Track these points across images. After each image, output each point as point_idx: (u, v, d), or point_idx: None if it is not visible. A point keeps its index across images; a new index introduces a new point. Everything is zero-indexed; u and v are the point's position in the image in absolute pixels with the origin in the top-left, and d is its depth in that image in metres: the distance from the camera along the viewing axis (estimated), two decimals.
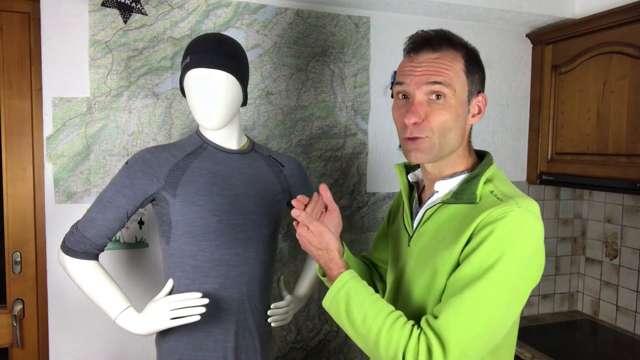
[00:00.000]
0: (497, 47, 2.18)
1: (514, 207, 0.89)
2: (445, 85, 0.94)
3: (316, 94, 1.91)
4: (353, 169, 1.98)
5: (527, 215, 0.89)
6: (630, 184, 1.75)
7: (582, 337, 2.13)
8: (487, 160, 1.02)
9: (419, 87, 0.96)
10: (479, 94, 1.01)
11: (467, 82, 0.97)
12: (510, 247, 0.86)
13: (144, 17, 1.68)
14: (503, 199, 0.92)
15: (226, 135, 1.34)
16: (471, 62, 0.98)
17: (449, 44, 0.97)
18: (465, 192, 0.97)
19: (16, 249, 1.71)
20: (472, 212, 0.93)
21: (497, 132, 2.22)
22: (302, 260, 1.89)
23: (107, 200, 1.27)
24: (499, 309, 0.87)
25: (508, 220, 0.87)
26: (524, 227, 0.88)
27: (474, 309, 0.85)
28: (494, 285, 0.86)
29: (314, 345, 1.96)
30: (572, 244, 2.37)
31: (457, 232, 0.93)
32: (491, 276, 0.85)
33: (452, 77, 0.95)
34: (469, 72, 0.98)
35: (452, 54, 0.97)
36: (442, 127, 0.95)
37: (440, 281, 0.94)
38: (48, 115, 1.61)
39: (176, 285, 1.30)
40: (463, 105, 0.97)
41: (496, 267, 0.86)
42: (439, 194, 1.02)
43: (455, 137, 0.98)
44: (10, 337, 1.72)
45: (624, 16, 1.76)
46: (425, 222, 1.03)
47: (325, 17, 1.90)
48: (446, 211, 0.99)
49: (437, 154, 0.98)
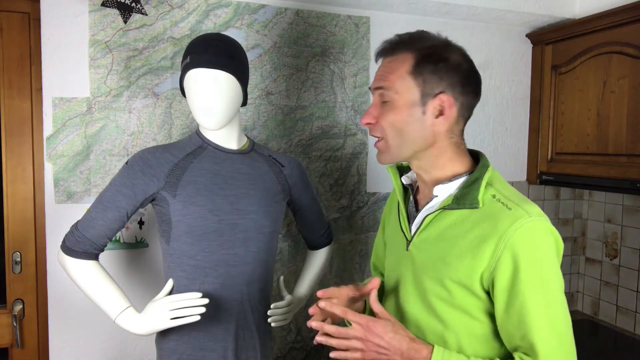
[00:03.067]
0: (497, 47, 2.18)
1: (525, 219, 0.91)
2: (386, 89, 0.99)
3: (316, 94, 1.91)
4: (353, 169, 1.98)
5: (539, 223, 0.92)
6: (630, 184, 1.75)
7: (582, 337, 2.12)
8: (484, 162, 1.02)
9: (374, 91, 1.03)
10: (438, 95, 0.97)
11: (416, 84, 0.97)
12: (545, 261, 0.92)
13: (144, 17, 1.68)
14: (509, 205, 0.94)
15: (226, 135, 1.34)
16: (424, 63, 0.97)
17: (405, 46, 0.99)
18: (467, 196, 0.97)
19: (16, 249, 1.71)
20: (482, 222, 0.94)
21: (497, 132, 2.22)
22: (302, 260, 1.89)
23: (107, 200, 1.27)
24: (566, 313, 0.93)
25: (528, 237, 0.91)
26: (542, 235, 0.92)
27: (556, 332, 0.91)
28: (555, 300, 0.92)
29: (314, 345, 1.96)
30: (572, 244, 2.37)
31: (470, 245, 0.94)
32: (549, 296, 0.91)
33: (394, 80, 0.98)
34: (418, 73, 0.96)
35: (403, 56, 0.98)
36: (392, 127, 0.99)
37: (458, 293, 0.96)
38: (48, 115, 1.61)
39: (176, 285, 1.30)
40: (413, 107, 0.97)
41: (547, 286, 0.91)
42: (438, 198, 1.02)
43: (416, 138, 0.99)
44: (10, 337, 1.72)
45: (624, 16, 1.76)
46: (425, 228, 1.02)
47: (325, 17, 1.90)
48: (448, 217, 0.99)
49: (397, 155, 1.01)
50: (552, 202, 2.32)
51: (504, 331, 0.94)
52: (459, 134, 1.03)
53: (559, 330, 0.91)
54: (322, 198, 1.93)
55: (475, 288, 0.94)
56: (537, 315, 0.89)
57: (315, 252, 1.60)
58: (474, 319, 0.97)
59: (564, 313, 0.92)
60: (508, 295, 0.91)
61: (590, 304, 2.33)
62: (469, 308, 0.96)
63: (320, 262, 1.60)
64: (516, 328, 0.91)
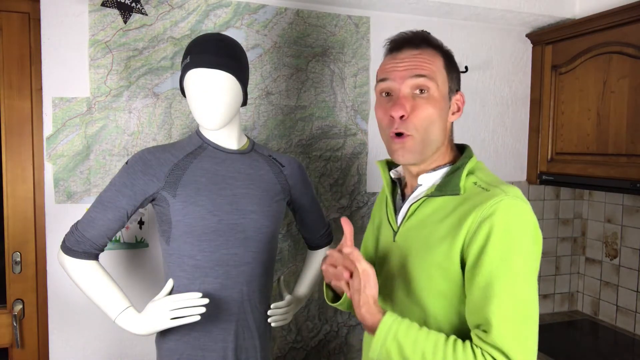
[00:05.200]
0: (497, 47, 2.18)
1: (502, 197, 0.92)
2: (429, 78, 0.97)
3: (316, 94, 1.91)
4: (353, 169, 1.98)
5: (517, 202, 0.92)
6: (630, 184, 1.75)
7: (582, 337, 2.13)
8: (467, 153, 1.05)
9: (404, 81, 0.98)
10: (457, 92, 1.04)
11: (447, 79, 1.01)
12: (516, 237, 0.90)
13: (144, 17, 1.68)
14: (488, 188, 0.95)
15: (226, 135, 1.34)
16: (449, 61, 1.03)
17: (428, 43, 1.02)
18: (449, 184, 0.99)
19: (16, 249, 1.71)
20: (462, 205, 0.95)
21: (497, 132, 2.22)
22: (302, 260, 1.89)
23: (107, 201, 1.27)
24: (532, 297, 0.91)
25: (503, 211, 0.90)
26: (519, 212, 0.92)
27: (515, 310, 0.88)
28: (520, 278, 0.89)
29: (314, 345, 1.96)
30: (572, 244, 2.37)
31: (449, 227, 0.95)
32: (513, 272, 0.89)
33: (435, 71, 0.99)
34: (448, 69, 1.02)
35: (431, 51, 1.01)
36: (427, 122, 0.97)
37: (438, 277, 0.96)
38: (48, 115, 1.61)
39: (176, 285, 1.30)
40: (445, 101, 1.01)
41: (513, 261, 0.89)
42: (422, 187, 1.04)
43: (438, 134, 1.00)
44: (10, 337, 1.72)
45: (624, 16, 1.76)
46: (410, 216, 1.04)
47: (325, 17, 1.90)
48: (431, 204, 1.01)
49: (422, 153, 1.00)
50: (552, 202, 2.32)
51: (468, 308, 0.93)
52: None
53: (519, 309, 0.88)
54: (322, 198, 1.93)
55: (454, 270, 0.94)
56: (499, 289, 0.88)
57: (315, 252, 1.60)
58: (453, 306, 0.97)
59: (528, 293, 0.90)
60: (474, 266, 0.91)
61: (590, 304, 2.33)
62: (449, 294, 0.96)
63: (320, 262, 1.60)
64: (478, 303, 0.90)
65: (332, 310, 1.98)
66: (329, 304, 1.08)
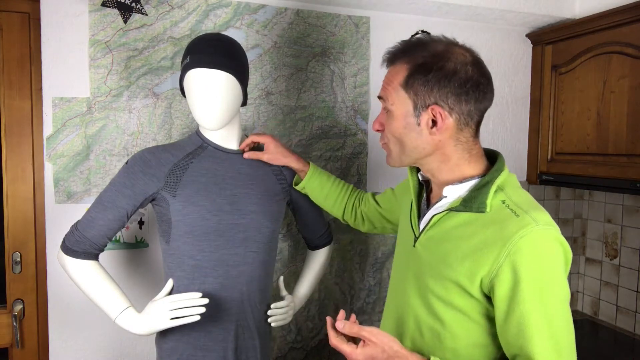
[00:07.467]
0: (497, 47, 2.18)
1: (532, 227, 0.89)
2: (385, 99, 1.03)
3: (316, 94, 1.91)
4: (353, 169, 1.98)
5: (547, 231, 0.90)
6: (630, 184, 1.75)
7: (582, 337, 2.12)
8: (498, 166, 1.00)
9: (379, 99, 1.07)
10: (430, 107, 0.96)
11: (408, 96, 0.98)
12: (548, 271, 0.89)
13: (144, 17, 1.68)
14: (517, 212, 0.92)
15: (226, 135, 1.34)
16: (416, 75, 0.97)
17: (402, 56, 1.01)
18: (476, 200, 0.96)
19: (16, 249, 1.71)
20: (487, 228, 0.93)
21: (497, 132, 2.22)
22: (302, 260, 1.89)
23: (107, 201, 1.27)
24: (568, 326, 0.91)
25: (532, 246, 0.89)
26: (549, 243, 0.91)
27: (555, 345, 0.88)
28: (556, 313, 0.89)
29: (314, 345, 1.96)
30: (572, 244, 2.37)
31: (472, 248, 0.93)
32: (548, 309, 0.88)
33: (390, 91, 1.01)
34: (409, 86, 0.97)
35: (399, 67, 1.00)
36: (393, 135, 1.02)
37: (455, 294, 0.96)
38: (48, 115, 1.61)
39: (176, 285, 1.30)
40: (408, 118, 0.99)
41: (547, 298, 0.88)
42: (447, 199, 1.01)
43: (414, 147, 1.01)
44: (10, 337, 1.72)
45: (624, 16, 1.76)
46: (432, 226, 1.03)
47: (325, 17, 1.90)
48: (455, 218, 0.99)
49: (399, 161, 1.05)
50: (552, 202, 2.32)
51: (503, 339, 0.93)
52: (467, 139, 1.01)
53: (560, 345, 0.88)
54: None
55: (473, 291, 0.93)
56: (536, 328, 0.87)
57: (315, 252, 1.60)
58: (471, 321, 0.96)
59: (566, 326, 0.90)
60: (508, 305, 0.90)
61: (590, 304, 2.33)
62: (466, 310, 0.96)
63: (320, 262, 1.60)
64: (515, 338, 0.90)
65: (332, 310, 1.98)
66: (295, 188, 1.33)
